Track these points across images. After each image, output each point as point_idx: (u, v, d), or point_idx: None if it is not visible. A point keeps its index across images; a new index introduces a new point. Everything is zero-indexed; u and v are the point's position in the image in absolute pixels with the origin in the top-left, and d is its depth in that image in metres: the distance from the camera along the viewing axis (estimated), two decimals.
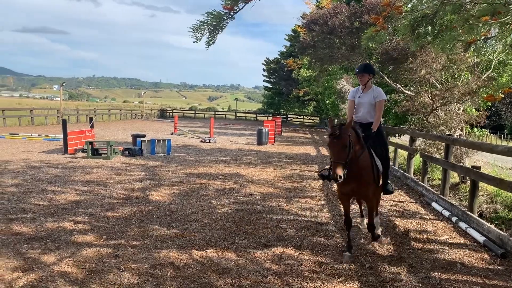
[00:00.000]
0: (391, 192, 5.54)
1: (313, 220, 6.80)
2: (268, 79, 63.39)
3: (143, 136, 15.94)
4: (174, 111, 59.87)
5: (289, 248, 5.40)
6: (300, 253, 5.24)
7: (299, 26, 38.47)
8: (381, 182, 5.24)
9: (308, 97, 49.22)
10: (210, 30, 3.45)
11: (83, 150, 14.01)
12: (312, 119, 54.99)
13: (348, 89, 21.98)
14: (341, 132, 4.59)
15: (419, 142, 11.62)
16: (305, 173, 11.89)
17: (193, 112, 63.84)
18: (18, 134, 20.00)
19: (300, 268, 4.76)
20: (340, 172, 4.52)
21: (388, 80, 13.87)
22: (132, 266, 4.67)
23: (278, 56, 60.53)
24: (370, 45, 12.22)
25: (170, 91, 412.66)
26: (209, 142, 20.20)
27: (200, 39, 3.28)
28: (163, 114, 54.89)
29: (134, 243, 5.45)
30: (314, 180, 10.48)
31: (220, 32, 3.51)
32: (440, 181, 8.94)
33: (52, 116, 32.05)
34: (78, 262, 4.74)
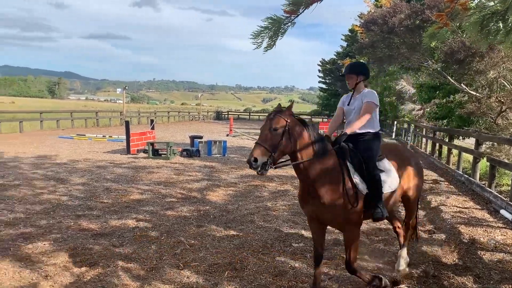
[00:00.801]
0: (380, 219, 4.07)
1: (372, 225, 6.62)
2: (323, 80, 62.73)
3: (200, 137, 16.34)
4: (229, 113, 60.83)
5: None
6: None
7: (356, 25, 37.66)
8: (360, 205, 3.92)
9: None
10: (270, 35, 3.46)
11: (145, 151, 14.58)
12: None
13: (408, 90, 21.24)
14: (275, 115, 3.70)
15: (484, 145, 10.97)
16: None
17: (248, 114, 64.47)
18: (84, 135, 21.20)
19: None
20: (258, 154, 3.54)
21: (452, 80, 13.24)
22: (191, 264, 4.79)
23: (334, 57, 59.70)
24: (433, 43, 11.72)
25: (225, 93, 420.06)
26: None
27: (261, 45, 3.30)
28: (219, 116, 55.96)
29: (193, 242, 5.59)
30: None
31: (280, 37, 3.51)
32: (510, 187, 8.38)
33: (115, 118, 33.69)
34: (140, 258, 4.94)
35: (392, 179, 4.20)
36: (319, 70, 62.62)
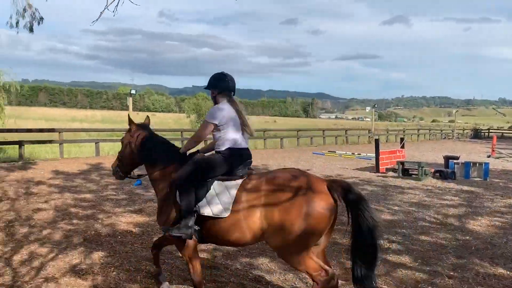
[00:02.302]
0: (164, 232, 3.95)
1: None
2: None
3: (456, 158, 14.92)
4: (490, 130, 53.76)
5: None
6: None
7: None
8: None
9: None
10: None
11: (394, 170, 14.31)
12: None
13: None
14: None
15: None
16: None
17: None
18: (335, 152, 22.38)
19: None
20: (112, 163, 4.56)
21: None
22: None
23: None
24: None
25: (485, 109, 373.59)
26: None
27: None
28: (477, 134, 50.17)
29: (452, 273, 5.11)
30: None
31: None
32: None
33: (363, 136, 34.38)
34: (394, 282, 4.81)
35: (216, 203, 3.71)
36: None
